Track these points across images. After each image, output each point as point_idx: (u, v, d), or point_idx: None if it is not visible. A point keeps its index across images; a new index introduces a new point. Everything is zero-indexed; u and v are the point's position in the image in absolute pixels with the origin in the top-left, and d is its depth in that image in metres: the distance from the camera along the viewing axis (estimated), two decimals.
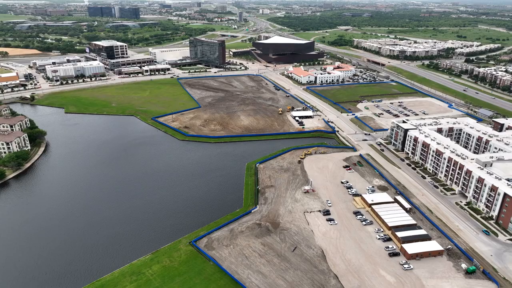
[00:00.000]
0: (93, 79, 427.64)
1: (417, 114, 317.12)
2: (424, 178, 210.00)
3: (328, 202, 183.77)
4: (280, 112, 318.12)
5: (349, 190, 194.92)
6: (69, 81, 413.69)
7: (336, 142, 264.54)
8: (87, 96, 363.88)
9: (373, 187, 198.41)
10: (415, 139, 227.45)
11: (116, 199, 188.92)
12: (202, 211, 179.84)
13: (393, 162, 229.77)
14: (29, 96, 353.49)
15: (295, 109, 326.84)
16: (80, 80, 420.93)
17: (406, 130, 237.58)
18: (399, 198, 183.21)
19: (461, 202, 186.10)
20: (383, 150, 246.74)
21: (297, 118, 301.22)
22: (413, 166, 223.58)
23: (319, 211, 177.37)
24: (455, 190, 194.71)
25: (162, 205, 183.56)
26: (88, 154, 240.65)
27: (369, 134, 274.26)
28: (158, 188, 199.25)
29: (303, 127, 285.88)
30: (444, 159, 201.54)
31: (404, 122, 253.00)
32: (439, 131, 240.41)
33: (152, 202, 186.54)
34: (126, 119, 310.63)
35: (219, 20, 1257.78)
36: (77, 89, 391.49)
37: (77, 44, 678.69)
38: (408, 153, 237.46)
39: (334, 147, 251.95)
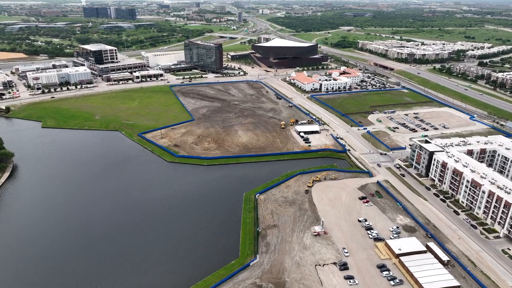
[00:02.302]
0: (78, 86, 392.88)
1: (437, 128, 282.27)
2: (457, 214, 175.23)
3: (345, 250, 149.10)
4: (282, 126, 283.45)
5: (369, 232, 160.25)
6: (52, 89, 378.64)
7: (347, 164, 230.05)
8: (69, 107, 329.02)
9: (397, 227, 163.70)
10: (443, 165, 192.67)
11: (81, 245, 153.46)
12: (188, 263, 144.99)
13: (417, 192, 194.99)
14: (4, 108, 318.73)
15: (299, 122, 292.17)
16: (64, 88, 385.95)
17: (431, 153, 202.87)
18: (432, 245, 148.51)
19: (509, 249, 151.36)
20: (403, 176, 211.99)
21: (302, 134, 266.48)
22: (441, 197, 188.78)
23: (334, 263, 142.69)
24: (498, 232, 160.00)
25: (137, 254, 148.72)
26: (57, 181, 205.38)
27: (385, 154, 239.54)
28: (134, 229, 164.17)
29: (309, 145, 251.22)
30: (483, 192, 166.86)
31: (427, 141, 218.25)
32: (470, 153, 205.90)
33: (124, 249, 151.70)
34: (110, 135, 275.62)
35: (218, 20, 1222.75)
36: (59, 98, 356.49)
37: (67, 47, 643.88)
38: (434, 180, 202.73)
39: (346, 171, 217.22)
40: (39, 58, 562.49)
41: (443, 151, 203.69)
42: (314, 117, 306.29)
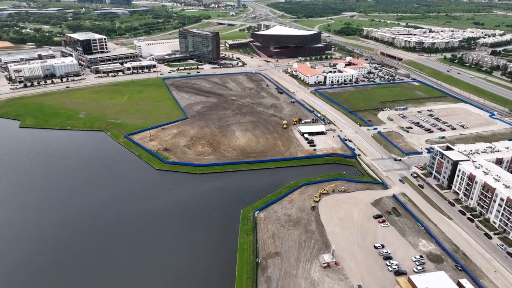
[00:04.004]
0: (64, 79, 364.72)
1: (455, 128, 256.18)
2: (489, 237, 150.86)
3: None
4: (284, 125, 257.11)
5: (388, 263, 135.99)
6: (35, 83, 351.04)
7: (358, 172, 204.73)
8: (52, 103, 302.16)
9: (421, 256, 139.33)
10: (471, 177, 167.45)
11: (46, 272, 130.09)
12: None
13: (439, 209, 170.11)
14: None
15: (302, 121, 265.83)
16: (49, 81, 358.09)
17: (455, 163, 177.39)
18: (465, 282, 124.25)
19: None
20: (422, 187, 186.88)
21: (306, 136, 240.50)
22: (468, 215, 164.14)
23: None
24: None
25: None
26: (27, 194, 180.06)
27: (400, 160, 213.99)
28: (106, 256, 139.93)
29: (315, 149, 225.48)
30: None
31: (449, 147, 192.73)
32: (499, 162, 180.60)
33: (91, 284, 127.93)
34: (94, 136, 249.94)
35: (216, 6, 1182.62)
36: (42, 93, 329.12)
37: (57, 35, 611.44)
38: (458, 193, 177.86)
39: (357, 181, 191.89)
40: (26, 47, 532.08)
41: (468, 160, 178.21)
42: (319, 115, 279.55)
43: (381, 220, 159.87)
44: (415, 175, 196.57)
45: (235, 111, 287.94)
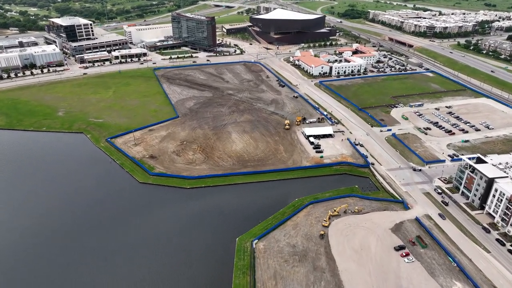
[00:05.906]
0: (45, 70, 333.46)
1: (479, 129, 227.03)
2: None
3: None
4: (287, 126, 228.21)
5: None
6: (13, 74, 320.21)
7: (371, 185, 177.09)
8: (28, 99, 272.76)
9: None
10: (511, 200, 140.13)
11: None
12: None
13: (472, 237, 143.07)
14: None
15: (307, 121, 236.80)
16: (28, 72, 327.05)
17: (491, 180, 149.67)
18: None
19: None
20: (446, 204, 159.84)
21: (311, 139, 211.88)
22: (509, 246, 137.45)
23: None
24: None
25: None
26: None
27: (420, 170, 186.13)
28: None
29: (322, 156, 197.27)
30: None
31: (480, 159, 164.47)
32: None
33: None
34: (72, 139, 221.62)
35: None
36: (19, 86, 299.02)
37: (43, 19, 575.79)
38: (492, 216, 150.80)
39: (372, 198, 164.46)
40: (9, 32, 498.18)
41: (507, 176, 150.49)
42: (325, 113, 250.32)
43: (404, 253, 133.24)
44: (439, 190, 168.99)
45: (231, 108, 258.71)
